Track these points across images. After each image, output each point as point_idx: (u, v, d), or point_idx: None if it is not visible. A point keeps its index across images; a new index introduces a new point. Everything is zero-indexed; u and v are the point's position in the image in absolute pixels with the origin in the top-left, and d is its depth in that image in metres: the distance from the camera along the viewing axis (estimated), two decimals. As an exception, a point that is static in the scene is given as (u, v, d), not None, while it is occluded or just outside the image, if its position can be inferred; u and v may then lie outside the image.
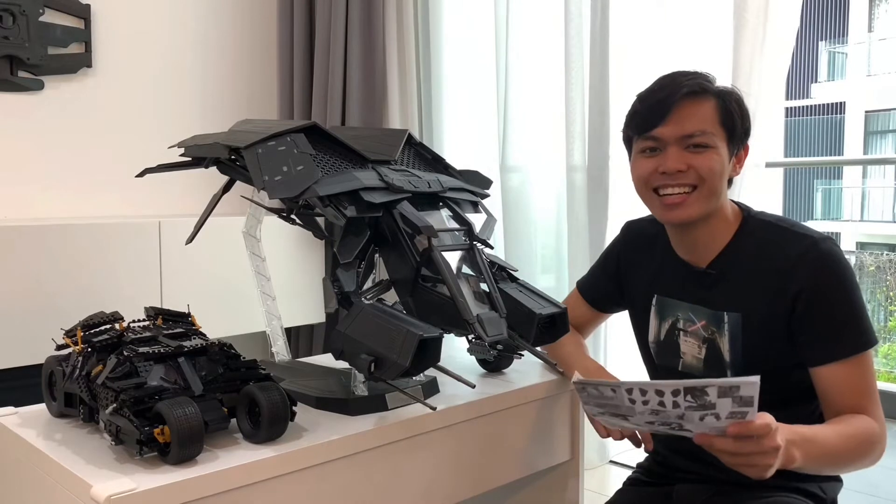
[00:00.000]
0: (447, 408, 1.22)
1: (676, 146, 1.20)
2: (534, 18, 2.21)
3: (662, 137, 1.21)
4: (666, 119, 1.21)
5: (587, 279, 1.50)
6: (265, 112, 2.81)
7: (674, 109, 1.20)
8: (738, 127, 1.22)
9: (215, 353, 1.09)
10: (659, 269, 1.34)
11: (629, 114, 1.27)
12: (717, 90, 1.22)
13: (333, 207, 1.11)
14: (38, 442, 1.06)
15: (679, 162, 1.20)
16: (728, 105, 1.21)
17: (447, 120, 2.44)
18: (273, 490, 1.01)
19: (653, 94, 1.24)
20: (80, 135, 2.41)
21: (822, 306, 1.16)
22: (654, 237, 1.37)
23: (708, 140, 1.19)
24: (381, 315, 1.06)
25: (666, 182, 1.21)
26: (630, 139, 1.28)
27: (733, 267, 1.24)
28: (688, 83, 1.21)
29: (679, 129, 1.20)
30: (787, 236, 1.20)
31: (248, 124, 1.24)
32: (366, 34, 2.50)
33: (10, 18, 2.23)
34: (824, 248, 1.17)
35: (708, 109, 1.20)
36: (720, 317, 1.23)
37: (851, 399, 1.15)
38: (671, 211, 1.22)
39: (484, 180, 1.36)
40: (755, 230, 1.24)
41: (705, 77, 1.23)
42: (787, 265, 1.17)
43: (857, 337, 1.15)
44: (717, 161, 1.20)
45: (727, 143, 1.21)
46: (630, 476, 1.43)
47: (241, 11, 2.77)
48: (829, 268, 1.16)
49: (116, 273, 2.09)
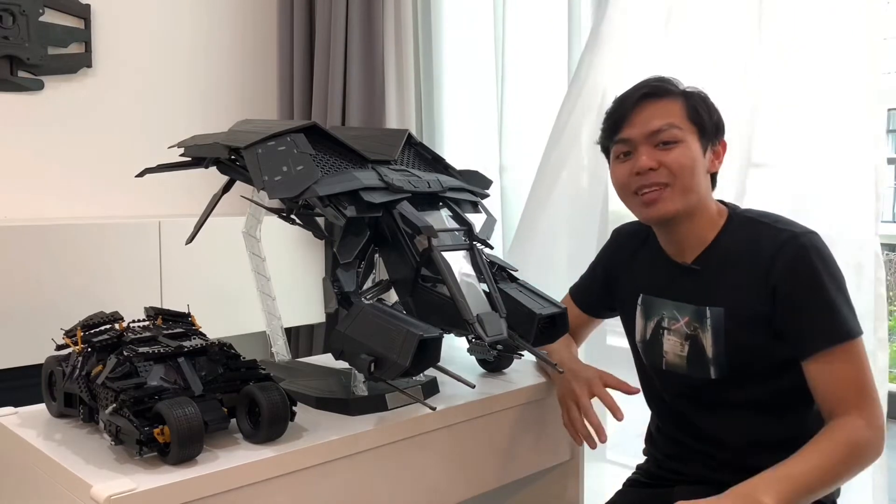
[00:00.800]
0: (447, 408, 1.22)
1: (646, 145, 1.23)
2: (534, 18, 2.21)
3: (631, 138, 1.25)
4: (631, 119, 1.25)
5: (579, 284, 1.53)
6: (265, 112, 2.81)
7: (637, 110, 1.24)
8: (708, 122, 1.24)
9: (215, 353, 1.09)
10: (647, 269, 1.35)
11: (601, 125, 1.31)
12: (680, 90, 1.25)
13: (333, 207, 1.11)
14: (38, 442, 1.06)
15: (650, 160, 1.22)
16: (693, 102, 1.24)
17: (447, 120, 2.44)
18: (273, 490, 1.01)
19: (618, 101, 1.28)
20: (80, 135, 2.40)
21: (798, 299, 1.16)
22: (643, 239, 1.39)
23: (676, 135, 1.22)
24: (380, 315, 1.06)
25: (641, 182, 1.24)
26: (607, 149, 1.31)
27: (716, 262, 1.25)
28: (651, 84, 1.26)
29: (645, 126, 1.23)
30: (769, 231, 1.21)
31: (248, 124, 1.24)
32: (366, 34, 2.50)
33: (10, 18, 2.23)
34: (803, 241, 1.17)
35: (673, 107, 1.24)
36: (703, 312, 1.24)
37: (841, 393, 1.14)
38: (649, 209, 1.24)
39: (484, 180, 1.36)
40: (739, 226, 1.26)
41: (668, 80, 1.27)
42: (766, 259, 1.18)
43: (835, 328, 1.15)
44: (686, 156, 1.22)
45: (698, 138, 1.23)
46: (629, 477, 1.43)
47: (241, 11, 2.76)
48: (804, 259, 1.16)
49: (116, 273, 2.09)
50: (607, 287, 1.44)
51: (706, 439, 1.28)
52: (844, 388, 1.14)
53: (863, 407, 1.14)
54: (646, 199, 1.24)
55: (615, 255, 1.45)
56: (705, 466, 1.29)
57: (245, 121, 1.28)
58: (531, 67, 2.23)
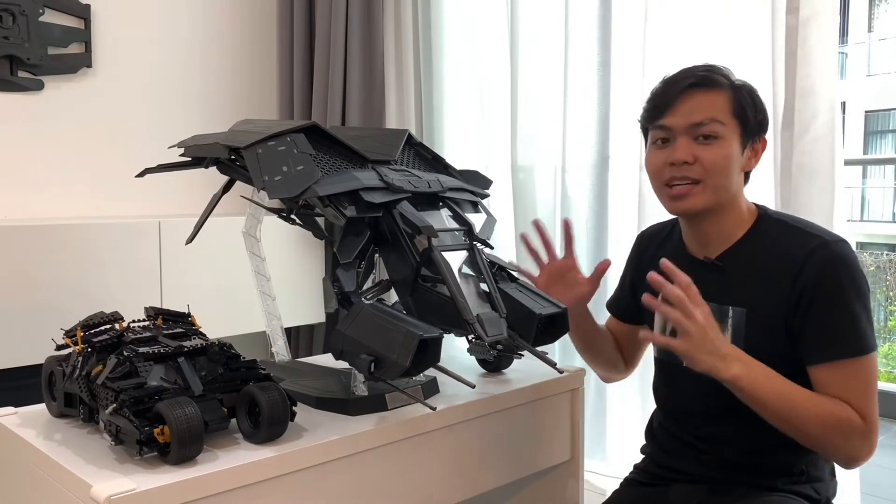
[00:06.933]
0: (447, 408, 1.22)
1: (685, 136, 1.21)
2: (534, 18, 2.21)
3: (672, 127, 1.23)
4: (675, 108, 1.22)
5: (613, 296, 1.53)
6: (265, 112, 2.81)
7: (683, 98, 1.22)
8: (751, 119, 1.22)
9: (215, 353, 1.09)
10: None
11: (644, 104, 1.29)
12: (728, 83, 1.22)
13: (333, 207, 1.11)
14: (38, 442, 1.06)
15: (686, 153, 1.21)
16: (740, 97, 1.21)
17: (447, 120, 2.44)
18: (273, 490, 1.01)
19: (665, 84, 1.26)
20: (80, 135, 2.40)
21: (822, 306, 1.15)
22: (666, 236, 1.39)
23: (717, 130, 1.20)
24: (380, 315, 1.06)
25: (673, 174, 1.22)
26: (646, 130, 1.30)
27: (742, 262, 1.24)
28: (699, 74, 1.23)
29: (687, 117, 1.21)
30: (800, 236, 1.20)
31: (248, 124, 1.24)
32: (366, 34, 2.50)
33: (10, 18, 2.23)
34: (835, 249, 1.16)
35: (719, 100, 1.21)
36: (725, 311, 1.23)
37: (848, 402, 1.13)
38: (676, 202, 1.24)
39: (484, 180, 1.36)
40: (769, 228, 1.24)
41: (719, 70, 1.24)
42: (794, 264, 1.17)
43: (854, 341, 1.14)
44: (723, 155, 1.20)
45: (740, 134, 1.21)
46: (627, 477, 1.43)
47: (241, 11, 2.76)
48: (835, 269, 1.15)
49: (116, 273, 2.09)
50: (634, 292, 1.43)
51: (709, 438, 1.28)
52: (852, 398, 1.13)
53: (863, 413, 1.13)
54: (675, 192, 1.23)
55: (639, 258, 1.45)
56: (704, 465, 1.29)
57: (245, 121, 1.28)
58: (531, 67, 2.23)
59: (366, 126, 2.51)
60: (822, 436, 1.12)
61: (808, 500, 1.22)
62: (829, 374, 1.15)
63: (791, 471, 1.22)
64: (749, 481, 1.24)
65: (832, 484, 1.27)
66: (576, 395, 1.46)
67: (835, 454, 1.16)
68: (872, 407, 1.14)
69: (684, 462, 1.31)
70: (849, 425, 1.12)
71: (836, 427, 1.12)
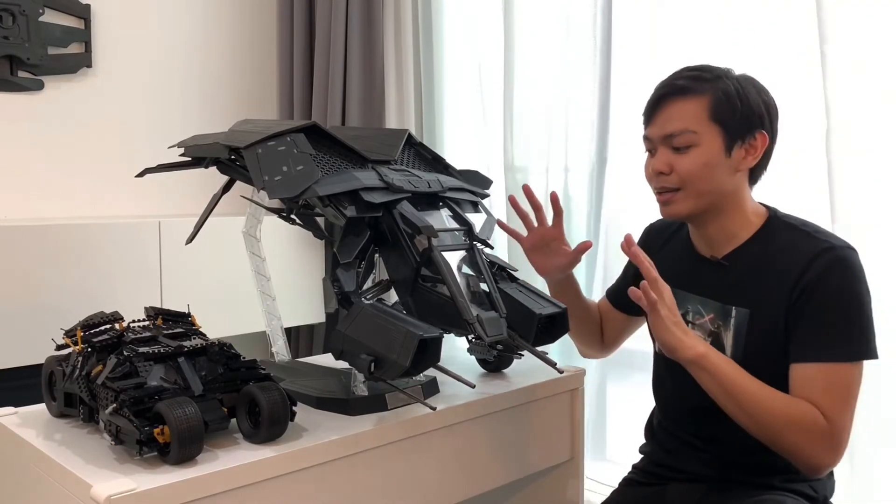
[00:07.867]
0: (447, 408, 1.22)
1: (663, 146, 1.24)
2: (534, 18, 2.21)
3: (651, 138, 1.26)
4: (654, 119, 1.26)
5: (613, 285, 1.54)
6: (265, 112, 2.81)
7: (660, 109, 1.24)
8: (732, 119, 1.20)
9: (215, 353, 1.09)
10: (673, 261, 1.35)
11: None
12: (709, 84, 1.21)
13: (333, 207, 1.11)
14: (38, 442, 1.06)
15: (662, 164, 1.24)
16: (721, 97, 1.20)
17: (447, 120, 2.44)
18: (273, 490, 1.01)
19: (653, 92, 1.27)
20: (80, 135, 2.40)
21: (817, 305, 1.15)
22: (674, 231, 1.40)
23: (690, 139, 1.21)
24: (380, 315, 1.06)
25: (657, 183, 1.26)
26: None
27: (748, 263, 1.24)
28: (676, 83, 1.23)
29: (661, 129, 1.24)
30: (807, 240, 1.19)
31: (248, 124, 1.24)
32: (366, 34, 2.50)
33: (10, 18, 2.23)
34: (840, 254, 1.16)
35: (693, 107, 1.21)
36: (728, 311, 1.23)
37: (818, 401, 1.12)
38: (663, 208, 1.27)
39: (484, 180, 1.36)
40: (777, 230, 1.24)
41: (708, 70, 1.23)
42: (799, 267, 1.17)
43: (843, 345, 1.13)
44: (700, 162, 1.21)
45: (723, 137, 1.21)
46: (625, 476, 1.44)
47: (241, 11, 2.76)
48: (836, 271, 1.15)
49: (116, 273, 2.09)
50: (636, 284, 1.44)
51: (708, 437, 1.28)
52: (828, 400, 1.12)
53: (834, 418, 1.11)
54: (660, 199, 1.27)
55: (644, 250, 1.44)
56: (703, 464, 1.29)
57: (245, 121, 1.28)
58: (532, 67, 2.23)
59: (366, 126, 2.51)
60: (782, 431, 1.11)
61: (806, 499, 1.22)
62: (811, 374, 1.14)
63: (789, 469, 1.22)
64: (747, 479, 1.24)
65: (830, 482, 1.27)
66: (576, 395, 1.46)
67: (796, 455, 1.13)
68: (844, 414, 1.12)
69: (683, 461, 1.31)
70: (811, 423, 1.10)
71: (796, 423, 1.11)
